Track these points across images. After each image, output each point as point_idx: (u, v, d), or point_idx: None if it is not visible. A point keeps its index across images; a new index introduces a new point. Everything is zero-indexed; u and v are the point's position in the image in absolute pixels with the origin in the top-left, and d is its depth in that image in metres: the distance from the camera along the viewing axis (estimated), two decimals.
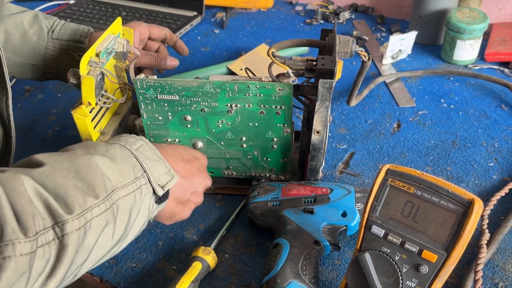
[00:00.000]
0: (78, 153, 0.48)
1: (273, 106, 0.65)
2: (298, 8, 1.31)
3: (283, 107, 0.65)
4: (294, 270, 0.56)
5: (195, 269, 0.60)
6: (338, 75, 0.70)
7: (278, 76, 0.65)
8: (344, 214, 0.63)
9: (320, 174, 0.70)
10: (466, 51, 1.00)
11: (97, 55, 0.62)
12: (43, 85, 1.04)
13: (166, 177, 0.55)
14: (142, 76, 0.65)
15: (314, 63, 0.64)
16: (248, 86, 0.64)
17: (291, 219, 0.62)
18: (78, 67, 0.60)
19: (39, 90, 1.03)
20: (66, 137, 0.89)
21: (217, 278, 0.63)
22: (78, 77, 0.62)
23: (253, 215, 0.66)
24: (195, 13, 1.25)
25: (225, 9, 1.31)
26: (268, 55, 0.64)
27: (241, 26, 1.23)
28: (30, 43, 0.75)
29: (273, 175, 0.74)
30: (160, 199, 0.55)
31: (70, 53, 0.76)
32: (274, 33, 1.20)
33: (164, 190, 0.54)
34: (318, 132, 0.65)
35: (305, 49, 1.08)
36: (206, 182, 0.65)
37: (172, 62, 0.81)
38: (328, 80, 0.60)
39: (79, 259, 0.44)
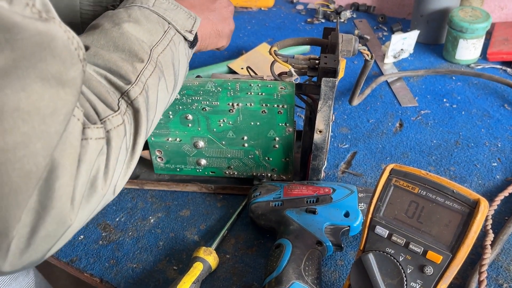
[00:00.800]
0: (106, 26, 0.50)
1: (275, 105, 0.65)
2: (299, 7, 1.30)
3: (285, 106, 0.65)
4: (297, 271, 0.55)
5: (196, 270, 0.59)
6: (340, 74, 0.69)
7: (280, 74, 0.65)
8: (346, 214, 0.62)
9: (322, 174, 0.70)
10: (468, 51, 0.99)
11: None
12: None
13: (190, 21, 0.56)
14: None
15: (317, 61, 0.64)
16: (250, 85, 0.63)
17: (293, 219, 0.62)
18: None
19: None
20: None
21: (218, 279, 0.62)
22: None
23: (255, 215, 0.65)
24: None
25: None
26: (270, 54, 0.64)
27: (241, 25, 1.23)
28: (64, 1, 0.71)
29: (275, 175, 0.73)
30: (192, 43, 0.57)
31: (104, 4, 0.71)
32: (275, 32, 1.19)
33: (192, 33, 0.56)
34: (320, 131, 0.64)
35: (306, 48, 1.07)
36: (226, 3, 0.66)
37: None
38: (331, 78, 0.60)
39: (151, 116, 0.49)
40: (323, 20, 1.23)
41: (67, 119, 0.36)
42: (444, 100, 0.92)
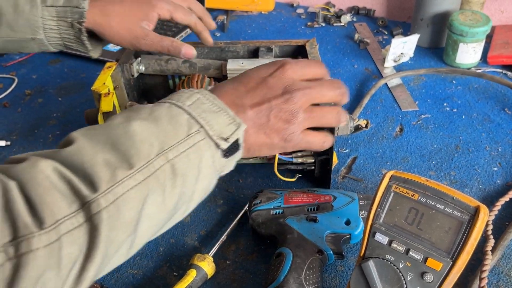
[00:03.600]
0: (116, 122, 0.45)
1: None
2: (299, 10, 1.31)
3: None
4: (298, 280, 0.55)
5: (189, 277, 0.59)
6: (334, 160, 0.74)
7: None
8: (347, 222, 0.62)
9: None
10: (468, 54, 0.99)
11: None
12: (43, 88, 1.04)
13: (231, 128, 0.48)
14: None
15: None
16: None
17: (294, 228, 0.62)
18: (80, 35, 0.65)
19: (39, 94, 1.02)
20: None
21: (218, 285, 0.62)
22: None
23: (256, 223, 0.65)
24: None
25: (226, 12, 1.30)
26: None
27: (242, 29, 1.23)
28: (23, 15, 0.68)
29: None
30: (228, 152, 0.48)
31: (69, 19, 0.68)
32: (275, 36, 1.19)
33: (228, 142, 0.48)
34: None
35: None
36: (289, 95, 0.52)
37: (189, 50, 0.71)
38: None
39: (118, 236, 0.41)
40: (323, 24, 1.23)
41: None
42: (445, 104, 0.92)
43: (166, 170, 0.44)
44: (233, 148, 0.49)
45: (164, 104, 0.48)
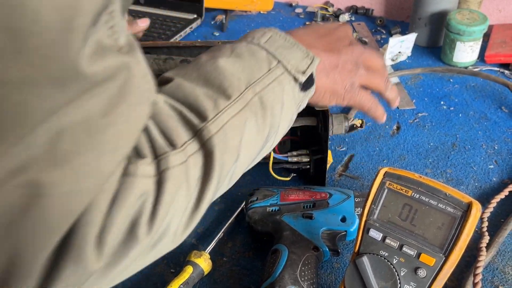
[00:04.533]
0: (202, 60, 0.48)
1: None
2: (298, 10, 1.31)
3: None
4: (293, 276, 0.55)
5: (186, 273, 0.60)
6: (329, 160, 0.74)
7: None
8: (343, 219, 0.63)
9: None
10: (466, 53, 1.00)
11: None
12: None
13: (306, 61, 0.51)
14: None
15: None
16: None
17: (290, 225, 0.62)
18: None
19: None
20: None
21: (215, 282, 0.63)
22: None
23: (252, 220, 0.65)
24: (195, 15, 1.25)
25: (225, 11, 1.31)
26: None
27: (241, 29, 1.23)
28: None
29: None
30: (305, 86, 0.51)
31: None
32: None
33: (305, 75, 0.50)
34: None
35: None
36: (354, 48, 0.57)
37: (143, 23, 0.73)
38: None
39: (228, 160, 0.44)
40: (321, 23, 1.24)
41: (124, 160, 0.34)
42: (442, 102, 0.92)
43: (256, 102, 0.46)
44: (309, 82, 0.51)
45: (241, 43, 0.50)
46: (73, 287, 0.34)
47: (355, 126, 0.71)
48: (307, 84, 0.51)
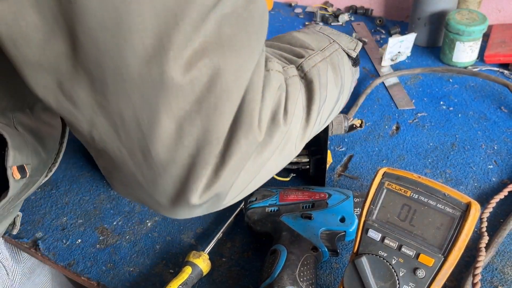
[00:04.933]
0: (279, 36, 0.59)
1: None
2: (298, 10, 1.31)
3: None
4: (292, 277, 0.55)
5: (185, 274, 0.60)
6: (329, 160, 0.75)
7: None
8: (342, 220, 0.62)
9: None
10: (465, 53, 1.00)
11: None
12: None
13: (353, 44, 0.63)
14: None
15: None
16: None
17: (289, 225, 0.62)
18: None
19: None
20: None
21: (214, 282, 0.62)
22: None
23: (251, 221, 0.65)
24: None
25: None
26: None
27: None
28: None
29: None
30: (355, 62, 0.63)
31: None
32: (274, 35, 1.19)
33: (356, 52, 0.62)
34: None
35: None
36: None
37: None
38: None
39: (323, 93, 0.51)
40: (321, 23, 1.24)
41: (263, 43, 0.43)
42: (441, 102, 0.92)
43: (329, 60, 0.55)
44: (357, 59, 0.63)
45: (300, 30, 0.61)
46: (245, 158, 0.41)
47: (354, 126, 0.71)
48: (357, 61, 0.63)
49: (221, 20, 0.36)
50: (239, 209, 0.70)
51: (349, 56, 0.61)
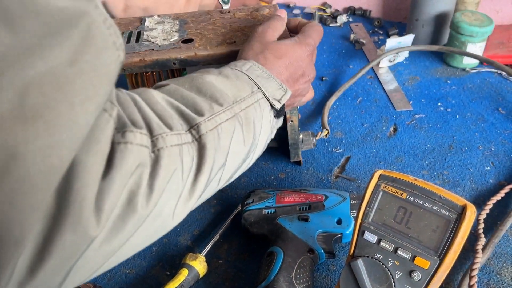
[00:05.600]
0: (193, 76, 0.51)
1: None
2: (296, 11, 1.31)
3: None
4: (288, 279, 0.55)
5: (181, 276, 0.60)
6: None
7: None
8: (339, 222, 0.62)
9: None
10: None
11: None
12: None
13: (280, 92, 0.55)
14: None
15: None
16: None
17: (286, 227, 0.62)
18: None
19: None
20: None
21: (210, 284, 0.62)
22: None
23: (248, 222, 0.65)
24: None
25: None
26: None
27: None
28: None
29: None
30: (278, 113, 0.56)
31: None
32: None
33: (280, 103, 0.55)
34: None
35: None
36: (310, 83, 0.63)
37: None
38: None
39: (219, 159, 0.46)
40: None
41: (98, 111, 0.33)
42: (439, 104, 0.92)
43: (242, 116, 0.50)
44: (281, 110, 0.56)
45: (226, 67, 0.54)
46: (73, 256, 0.34)
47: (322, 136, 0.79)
48: (280, 112, 0.56)
49: (27, 86, 0.28)
50: (235, 211, 0.70)
51: (272, 106, 0.54)
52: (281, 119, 0.59)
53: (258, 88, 0.53)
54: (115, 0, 0.85)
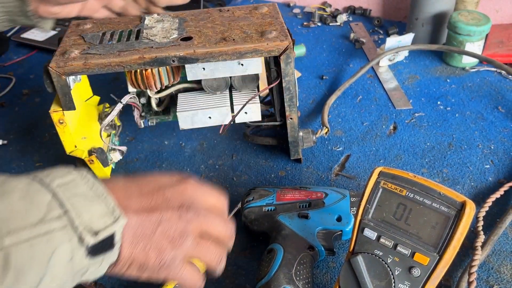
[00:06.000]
0: None
1: None
2: (296, 10, 1.31)
3: None
4: (288, 275, 0.56)
5: None
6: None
7: None
8: (339, 219, 0.63)
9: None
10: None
11: None
12: (40, 88, 1.05)
13: (105, 220, 0.39)
14: None
15: None
16: None
17: (286, 224, 0.62)
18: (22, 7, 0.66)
19: (36, 94, 1.03)
20: None
21: (210, 281, 0.62)
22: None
23: (248, 220, 0.65)
24: None
25: None
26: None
27: None
28: None
29: None
30: (95, 250, 0.39)
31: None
32: None
33: (97, 237, 0.38)
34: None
35: (302, 51, 1.08)
36: (184, 212, 0.45)
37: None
38: None
39: None
40: (319, 24, 1.24)
41: None
42: (439, 102, 0.92)
43: (10, 256, 0.34)
44: (104, 246, 0.39)
45: (24, 179, 0.39)
46: None
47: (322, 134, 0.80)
48: (101, 248, 0.39)
49: None
50: (236, 208, 0.70)
51: (81, 239, 0.37)
52: (111, 257, 0.40)
53: (65, 212, 0.37)
54: None
